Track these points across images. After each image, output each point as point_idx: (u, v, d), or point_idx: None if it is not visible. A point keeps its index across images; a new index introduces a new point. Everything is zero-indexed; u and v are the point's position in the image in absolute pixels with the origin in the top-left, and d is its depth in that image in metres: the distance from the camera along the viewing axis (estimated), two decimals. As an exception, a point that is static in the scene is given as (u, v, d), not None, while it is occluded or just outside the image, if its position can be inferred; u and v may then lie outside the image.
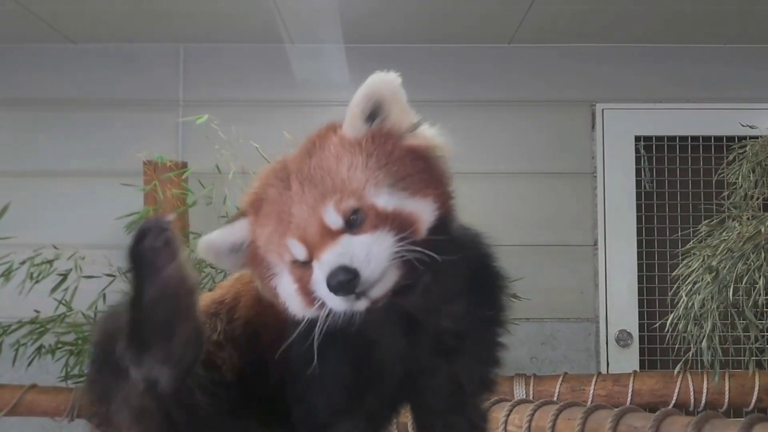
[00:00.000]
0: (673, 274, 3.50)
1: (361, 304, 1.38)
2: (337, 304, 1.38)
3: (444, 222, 1.46)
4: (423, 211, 1.43)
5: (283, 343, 1.46)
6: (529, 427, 2.28)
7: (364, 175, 1.42)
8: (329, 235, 1.39)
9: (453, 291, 1.52)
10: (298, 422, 1.49)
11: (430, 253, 1.39)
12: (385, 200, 1.41)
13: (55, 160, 4.81)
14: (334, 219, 1.39)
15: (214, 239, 1.51)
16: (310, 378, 1.46)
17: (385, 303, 1.44)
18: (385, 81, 1.47)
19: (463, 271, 1.53)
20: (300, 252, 1.41)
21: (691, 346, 3.29)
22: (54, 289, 3.89)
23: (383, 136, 1.46)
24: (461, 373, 1.56)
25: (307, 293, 1.42)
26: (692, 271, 3.31)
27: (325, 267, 1.37)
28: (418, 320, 1.50)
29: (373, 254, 1.37)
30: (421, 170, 1.46)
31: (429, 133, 1.51)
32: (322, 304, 1.40)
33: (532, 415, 2.31)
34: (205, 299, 1.64)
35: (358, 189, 1.41)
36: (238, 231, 1.51)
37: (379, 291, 1.38)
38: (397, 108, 1.48)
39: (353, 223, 1.39)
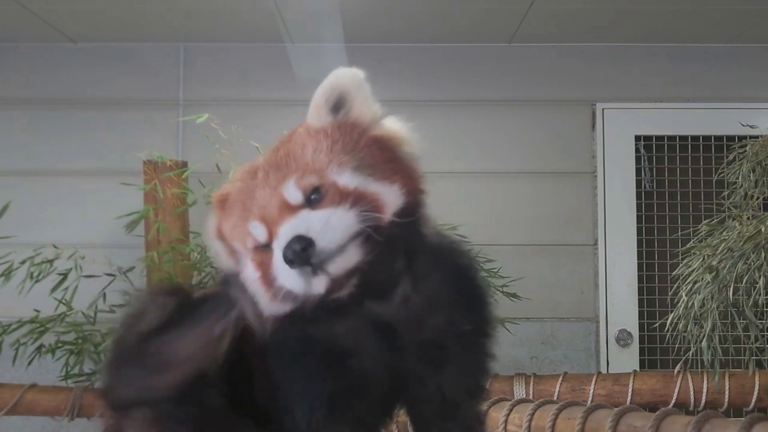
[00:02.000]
0: (673, 273, 3.51)
1: (319, 282, 1.36)
2: (293, 281, 1.36)
3: (412, 211, 1.44)
4: (387, 194, 1.41)
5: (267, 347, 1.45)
6: (528, 427, 2.28)
7: (328, 157, 1.42)
8: (288, 210, 1.38)
9: (434, 302, 1.49)
10: (286, 427, 1.49)
11: (393, 218, 1.38)
12: (347, 179, 1.40)
13: (55, 160, 4.81)
14: (293, 194, 1.39)
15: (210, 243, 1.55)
16: (290, 386, 1.44)
17: (365, 313, 1.42)
18: (348, 74, 1.48)
19: (443, 281, 1.50)
20: (261, 233, 1.41)
21: (691, 345, 3.30)
22: (54, 289, 3.89)
23: (349, 126, 1.46)
24: (447, 384, 1.53)
25: (269, 282, 1.40)
26: (692, 270, 3.31)
27: (282, 240, 1.36)
28: (399, 332, 1.47)
29: (330, 225, 1.35)
30: (388, 160, 1.45)
31: (395, 126, 1.50)
32: (286, 297, 1.39)
33: (532, 414, 2.30)
34: None
35: (320, 168, 1.41)
36: (212, 224, 1.53)
37: (338, 267, 1.36)
38: (361, 100, 1.48)
39: (314, 200, 1.39)
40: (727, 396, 3.63)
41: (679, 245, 3.90)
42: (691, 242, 3.47)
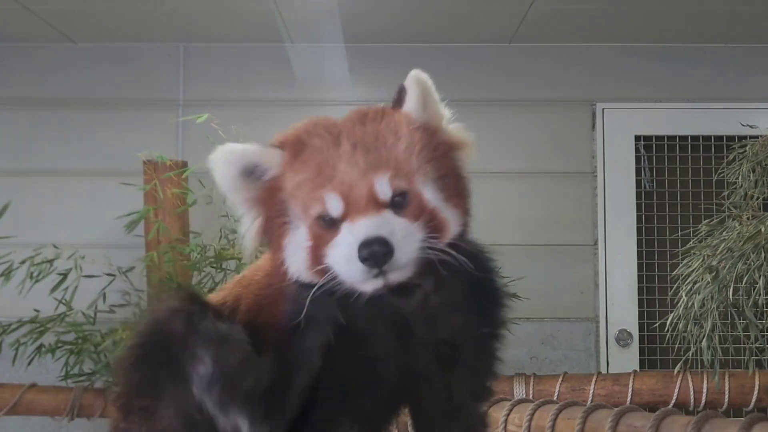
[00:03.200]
0: (673, 274, 3.51)
1: (376, 283, 1.38)
2: (352, 273, 1.37)
3: (462, 237, 1.48)
4: (452, 223, 1.46)
5: (282, 345, 1.45)
6: (528, 427, 2.28)
7: (417, 161, 1.44)
8: (374, 203, 1.39)
9: (453, 303, 1.51)
10: (296, 422, 1.49)
11: (463, 259, 1.40)
12: (430, 194, 1.43)
13: (55, 160, 4.81)
14: (385, 190, 1.40)
15: (238, 148, 1.48)
16: (304, 379, 1.45)
17: (384, 305, 1.43)
18: (425, 77, 1.51)
19: (465, 284, 1.52)
20: (336, 208, 1.39)
21: (691, 345, 3.30)
22: (54, 289, 3.89)
23: (431, 129, 1.49)
24: (455, 383, 1.55)
25: (317, 255, 1.41)
26: (692, 270, 3.31)
27: (361, 232, 1.36)
28: (415, 327, 1.49)
29: (410, 239, 1.38)
30: (457, 176, 1.49)
31: (460, 132, 1.53)
32: (323, 272, 1.39)
33: (532, 414, 2.30)
34: None
35: (410, 172, 1.43)
36: (268, 156, 1.47)
37: (398, 276, 1.38)
38: (436, 103, 1.52)
39: (398, 203, 1.40)
40: (727, 396, 3.63)
41: (679, 245, 3.90)
42: (691, 242, 3.47)
